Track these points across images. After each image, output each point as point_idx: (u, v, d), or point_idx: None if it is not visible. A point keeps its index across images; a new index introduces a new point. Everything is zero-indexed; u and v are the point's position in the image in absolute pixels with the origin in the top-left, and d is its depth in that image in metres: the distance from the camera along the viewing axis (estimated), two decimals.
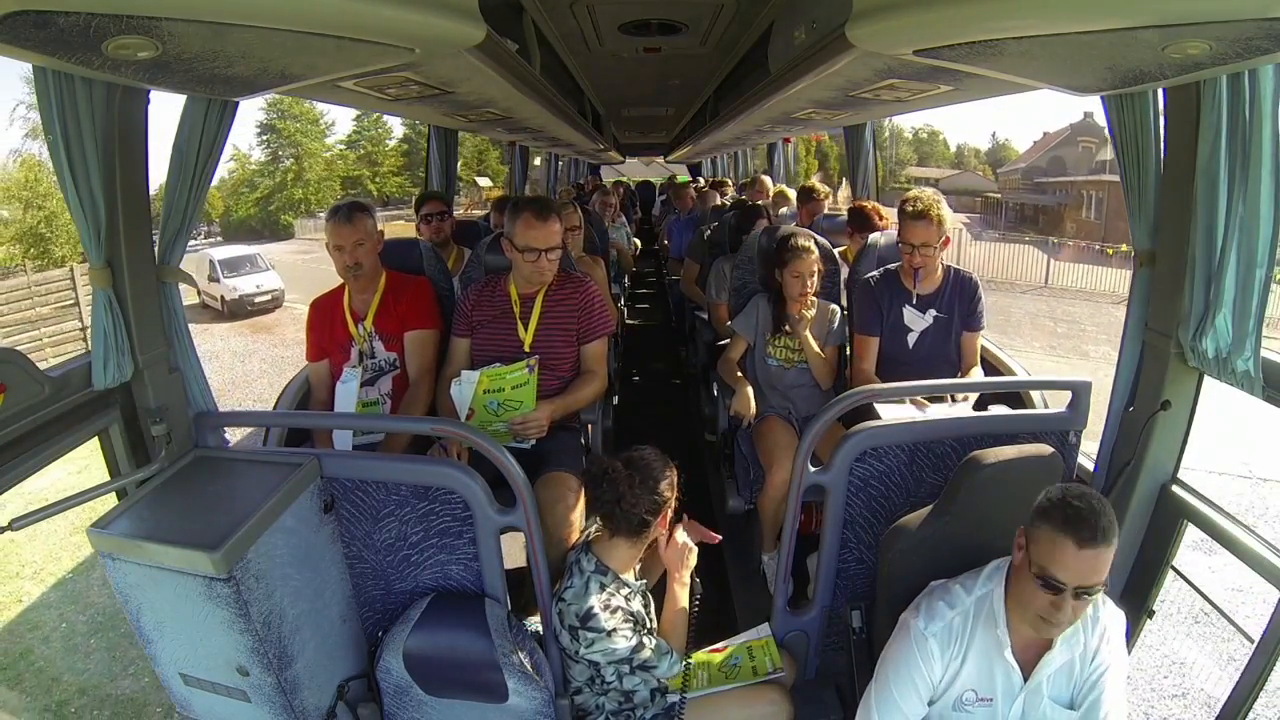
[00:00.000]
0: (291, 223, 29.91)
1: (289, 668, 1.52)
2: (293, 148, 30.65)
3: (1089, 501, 1.21)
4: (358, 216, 2.13)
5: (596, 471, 1.62)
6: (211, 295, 15.18)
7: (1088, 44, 1.14)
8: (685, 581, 1.72)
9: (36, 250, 18.42)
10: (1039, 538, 1.24)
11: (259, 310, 14.94)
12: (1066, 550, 1.19)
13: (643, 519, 1.60)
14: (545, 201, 2.14)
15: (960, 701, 1.39)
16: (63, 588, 4.51)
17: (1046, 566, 1.22)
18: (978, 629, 1.37)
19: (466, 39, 1.48)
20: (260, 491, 1.51)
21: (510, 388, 1.96)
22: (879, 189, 4.16)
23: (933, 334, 2.29)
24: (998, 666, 1.36)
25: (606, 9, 2.85)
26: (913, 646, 1.38)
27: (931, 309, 2.29)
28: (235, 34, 1.08)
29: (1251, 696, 1.52)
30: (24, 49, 1.03)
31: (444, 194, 3.46)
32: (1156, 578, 1.76)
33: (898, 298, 2.30)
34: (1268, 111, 1.31)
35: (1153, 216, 1.67)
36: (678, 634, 1.71)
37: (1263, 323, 1.45)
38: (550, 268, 2.10)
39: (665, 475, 1.63)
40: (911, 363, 2.27)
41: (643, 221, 11.40)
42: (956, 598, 1.40)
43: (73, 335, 11.81)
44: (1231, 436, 5.81)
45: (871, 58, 1.75)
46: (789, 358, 2.48)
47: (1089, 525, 1.18)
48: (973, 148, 39.57)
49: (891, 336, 2.30)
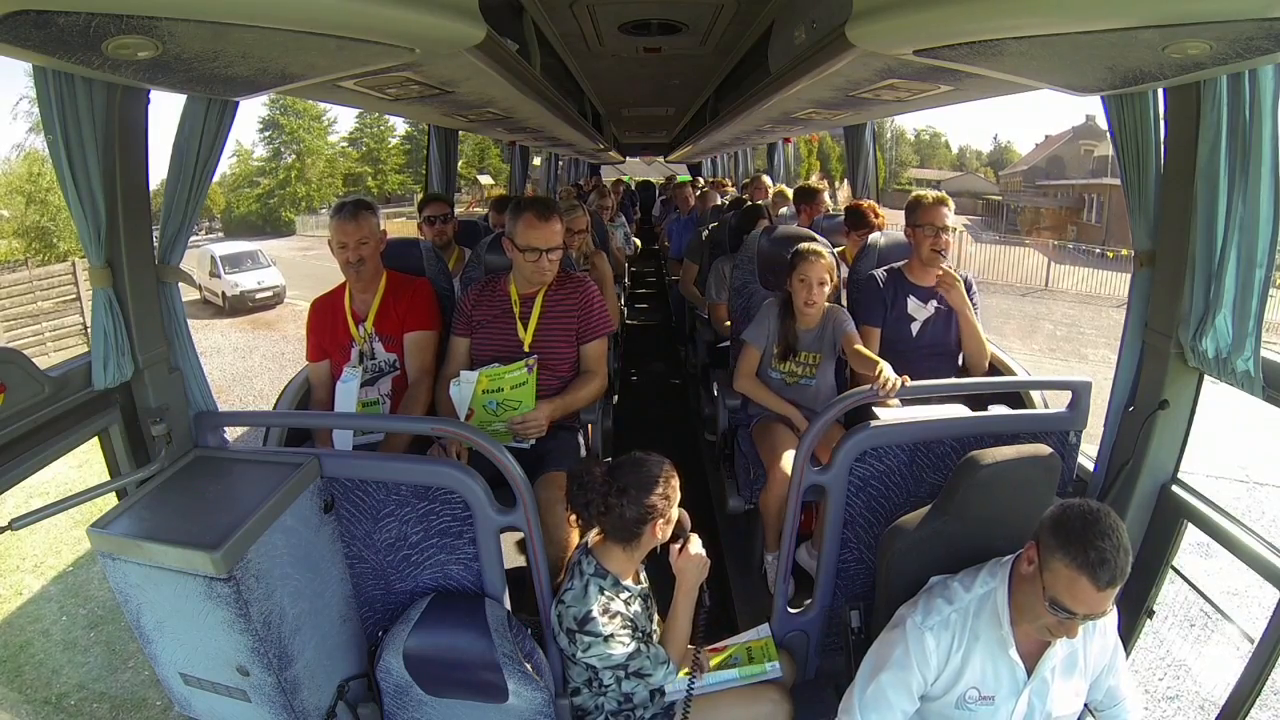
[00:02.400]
0: (293, 219, 29.88)
1: (289, 667, 1.52)
2: (295, 144, 30.60)
3: (1113, 540, 1.17)
4: (363, 214, 2.13)
5: (575, 473, 1.60)
6: (213, 291, 15.20)
7: (1088, 44, 1.14)
8: (693, 593, 1.68)
9: (40, 244, 18.43)
10: (1056, 568, 1.21)
11: (260, 306, 14.96)
12: (1085, 589, 1.18)
13: (629, 529, 1.55)
14: (547, 201, 2.14)
15: (963, 700, 1.38)
16: (63, 581, 4.52)
17: (1060, 598, 1.20)
18: (980, 627, 1.37)
19: (466, 39, 1.48)
20: (260, 491, 1.51)
21: (509, 388, 1.96)
22: (880, 190, 4.16)
23: (934, 324, 2.40)
24: (1001, 664, 1.36)
25: (606, 9, 2.85)
26: (907, 641, 1.38)
27: (933, 300, 2.39)
28: (235, 34, 1.08)
29: (1252, 696, 1.52)
30: (24, 49, 1.03)
31: (446, 196, 3.45)
32: (1156, 578, 1.76)
33: (902, 290, 2.42)
34: (1268, 111, 1.31)
35: (1153, 216, 1.67)
36: (678, 644, 1.68)
37: (1263, 323, 1.45)
38: (551, 268, 2.10)
39: (657, 483, 1.56)
40: (914, 350, 2.37)
41: (643, 221, 11.40)
42: (955, 594, 1.40)
43: (74, 330, 11.80)
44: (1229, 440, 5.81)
45: (871, 58, 1.75)
46: (793, 370, 2.42)
47: (1109, 569, 1.16)
48: (974, 150, 39.62)
49: (895, 326, 2.41)
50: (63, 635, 3.95)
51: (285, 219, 29.77)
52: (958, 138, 45.13)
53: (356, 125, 32.76)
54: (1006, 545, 1.48)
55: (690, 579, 1.66)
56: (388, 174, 32.73)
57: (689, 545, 1.66)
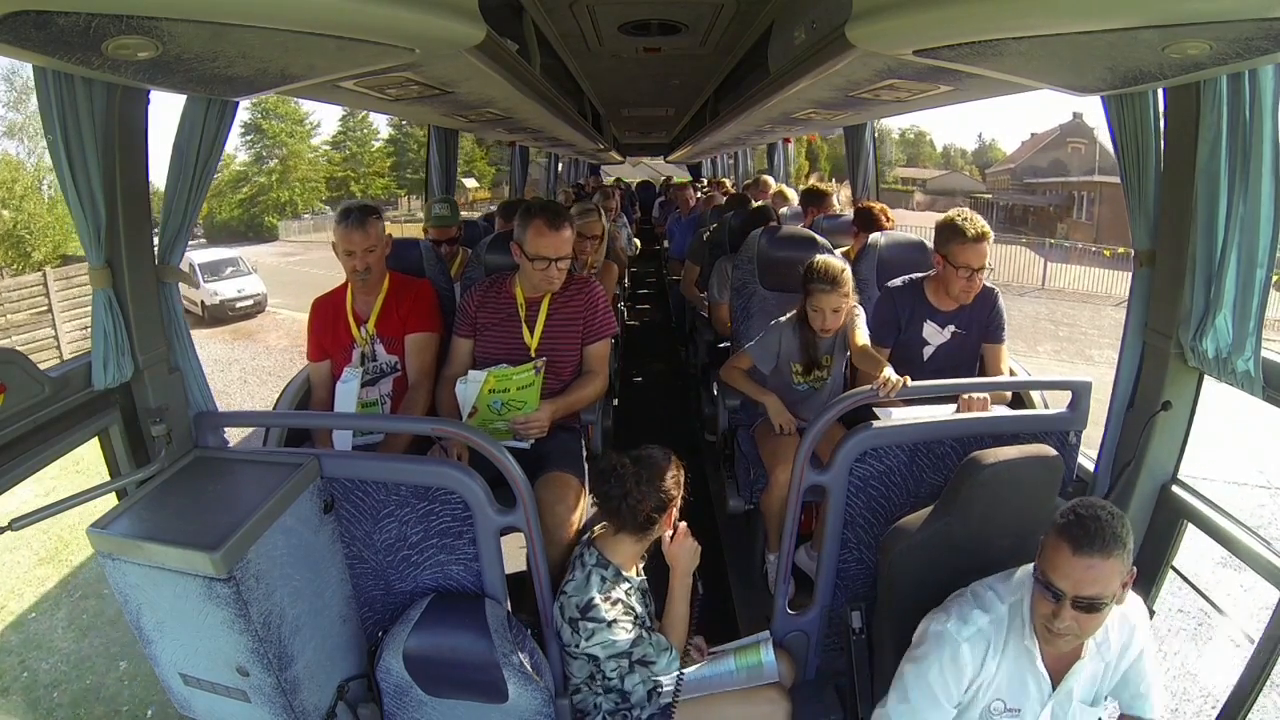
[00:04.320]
0: (275, 224, 29.38)
1: (289, 668, 1.52)
2: (278, 148, 30.08)
3: (1095, 511, 1.20)
4: (370, 221, 2.11)
5: (605, 468, 1.63)
6: (191, 300, 14.27)
7: (1088, 44, 1.14)
8: (688, 579, 1.73)
9: (15, 254, 17.73)
10: (1045, 544, 1.24)
11: (240, 315, 14.21)
12: (1062, 555, 1.20)
13: (649, 516, 1.61)
14: (558, 209, 2.11)
15: (988, 711, 1.36)
16: (23, 630, 4.03)
17: (1046, 571, 1.22)
18: (1011, 637, 1.34)
19: (466, 39, 1.48)
20: (260, 492, 1.51)
21: (516, 388, 1.96)
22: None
23: (949, 349, 2.24)
24: (1029, 675, 1.34)
25: (606, 9, 2.86)
26: (945, 652, 1.33)
27: (952, 325, 2.22)
28: (235, 34, 1.08)
29: (1252, 696, 1.52)
30: (24, 49, 1.04)
31: (454, 216, 3.31)
32: (1156, 578, 1.76)
33: (920, 310, 2.23)
34: (1268, 111, 1.31)
35: (1153, 216, 1.67)
36: (677, 631, 1.72)
37: (1263, 323, 1.45)
38: (560, 276, 2.07)
39: (672, 473, 1.64)
40: (923, 376, 2.18)
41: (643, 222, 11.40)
42: (990, 603, 1.36)
43: (46, 344, 11.19)
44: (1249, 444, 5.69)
45: (871, 58, 1.75)
46: (819, 376, 2.36)
47: (1087, 532, 1.18)
48: (959, 148, 39.25)
49: (905, 349, 2.24)
50: (23, 697, 3.49)
51: (268, 224, 29.23)
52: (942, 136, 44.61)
53: (340, 129, 32.03)
54: (1008, 545, 1.48)
55: (684, 565, 1.71)
56: (371, 178, 31.67)
57: (680, 532, 1.72)
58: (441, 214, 3.27)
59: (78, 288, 11.56)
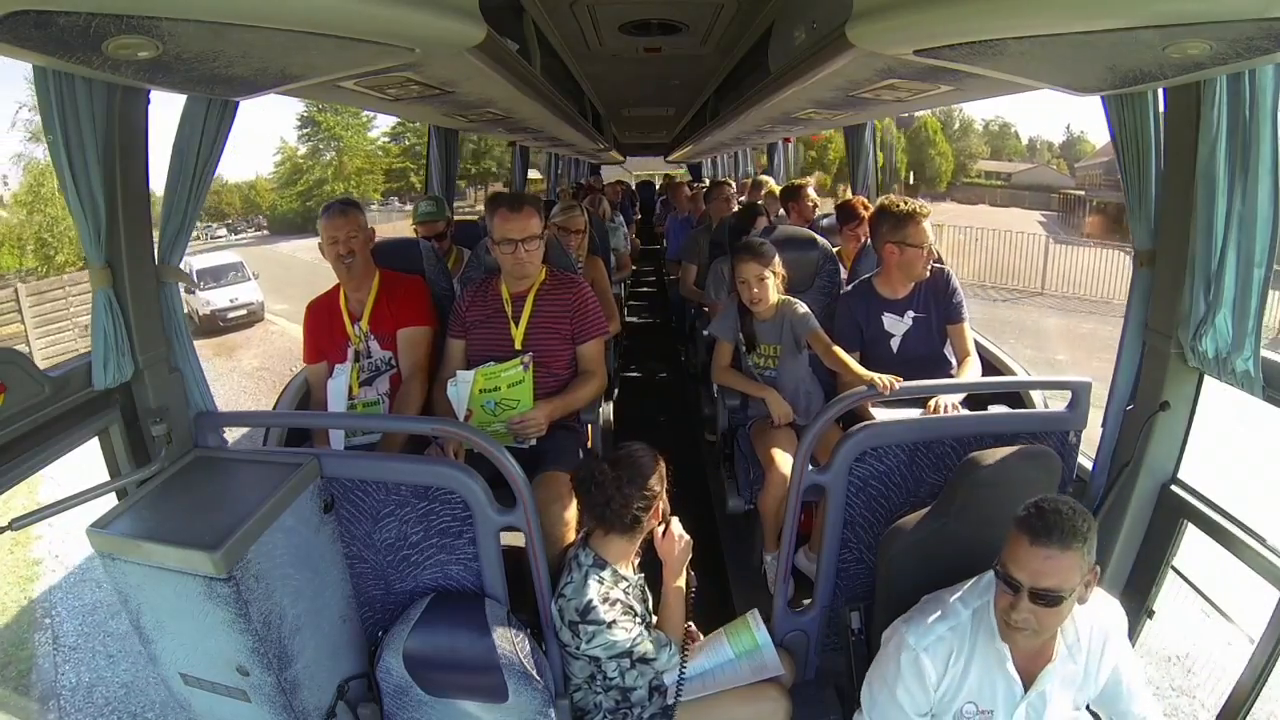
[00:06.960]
0: None
1: (289, 668, 1.52)
2: (335, 141, 29.89)
3: (1056, 505, 1.21)
4: (351, 210, 2.19)
5: (584, 476, 1.63)
6: (189, 308, 14.00)
7: (1088, 44, 1.14)
8: (681, 574, 1.74)
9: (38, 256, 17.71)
10: (1007, 538, 1.25)
11: (233, 326, 13.11)
12: (1021, 546, 1.21)
13: (635, 516, 1.62)
14: (518, 195, 2.20)
15: (960, 714, 1.38)
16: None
17: (1006, 563, 1.24)
18: (979, 641, 1.35)
19: (466, 39, 1.48)
20: (260, 491, 1.51)
21: (506, 386, 1.96)
22: (949, 184, 3.90)
23: (915, 334, 2.30)
24: (999, 678, 1.35)
25: (607, 9, 2.85)
26: (902, 664, 1.36)
27: (910, 310, 2.30)
28: (235, 34, 1.08)
29: (1252, 696, 1.52)
30: (24, 49, 1.03)
31: (440, 212, 3.37)
32: (1156, 578, 1.76)
33: (874, 306, 2.31)
34: (1268, 111, 1.31)
35: (1153, 216, 1.67)
36: (675, 626, 1.73)
37: (1262, 323, 1.45)
38: (530, 259, 2.09)
39: (654, 470, 1.65)
40: (898, 366, 2.21)
41: (643, 222, 11.40)
42: (952, 611, 1.38)
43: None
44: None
45: (871, 58, 1.75)
46: (758, 362, 2.44)
47: (1046, 525, 1.19)
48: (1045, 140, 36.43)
49: (874, 345, 2.31)
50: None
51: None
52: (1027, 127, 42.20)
53: (399, 120, 31.69)
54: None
55: (676, 559, 1.72)
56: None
57: (670, 528, 1.73)
58: (427, 210, 3.26)
59: (50, 303, 11.51)
